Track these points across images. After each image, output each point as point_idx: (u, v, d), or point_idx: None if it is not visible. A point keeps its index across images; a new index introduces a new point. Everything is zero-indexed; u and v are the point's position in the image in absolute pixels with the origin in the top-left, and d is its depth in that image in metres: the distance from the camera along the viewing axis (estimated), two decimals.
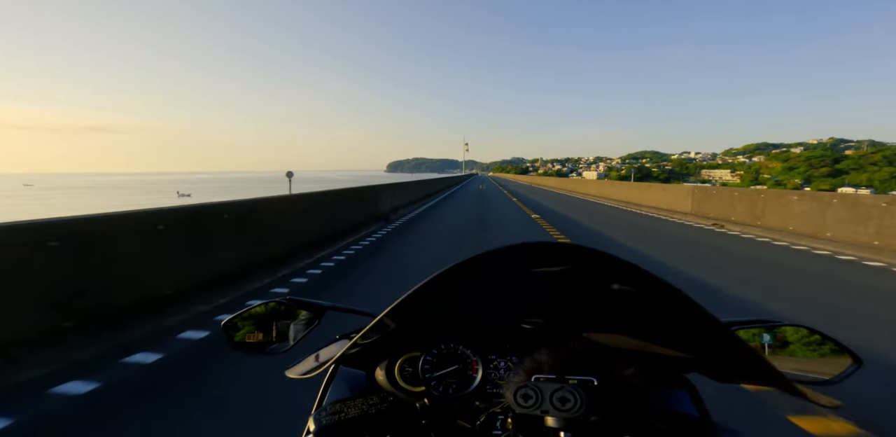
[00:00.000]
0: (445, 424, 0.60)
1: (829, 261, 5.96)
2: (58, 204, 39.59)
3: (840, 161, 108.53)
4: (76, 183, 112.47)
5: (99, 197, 52.06)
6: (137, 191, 66.00)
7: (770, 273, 5.19)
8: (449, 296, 0.61)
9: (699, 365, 0.61)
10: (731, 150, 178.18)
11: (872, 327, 3.33)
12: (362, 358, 0.70)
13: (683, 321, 0.52)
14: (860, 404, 2.11)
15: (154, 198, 44.44)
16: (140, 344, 2.87)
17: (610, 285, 0.52)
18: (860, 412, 2.03)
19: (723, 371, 0.60)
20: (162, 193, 56.54)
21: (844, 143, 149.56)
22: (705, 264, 5.74)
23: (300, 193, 7.30)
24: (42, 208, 31.71)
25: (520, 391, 0.46)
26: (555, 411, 0.45)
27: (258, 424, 1.95)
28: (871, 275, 5.15)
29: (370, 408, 0.56)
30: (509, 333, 0.71)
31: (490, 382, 0.67)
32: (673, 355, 0.60)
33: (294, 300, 0.75)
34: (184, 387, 2.31)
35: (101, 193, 61.99)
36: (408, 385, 0.67)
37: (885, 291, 4.47)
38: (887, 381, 2.37)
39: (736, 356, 0.52)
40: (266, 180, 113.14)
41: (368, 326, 0.55)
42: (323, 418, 0.54)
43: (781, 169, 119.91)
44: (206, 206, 4.62)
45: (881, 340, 3.03)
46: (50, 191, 69.10)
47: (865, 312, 3.71)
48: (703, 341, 0.54)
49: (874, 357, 2.66)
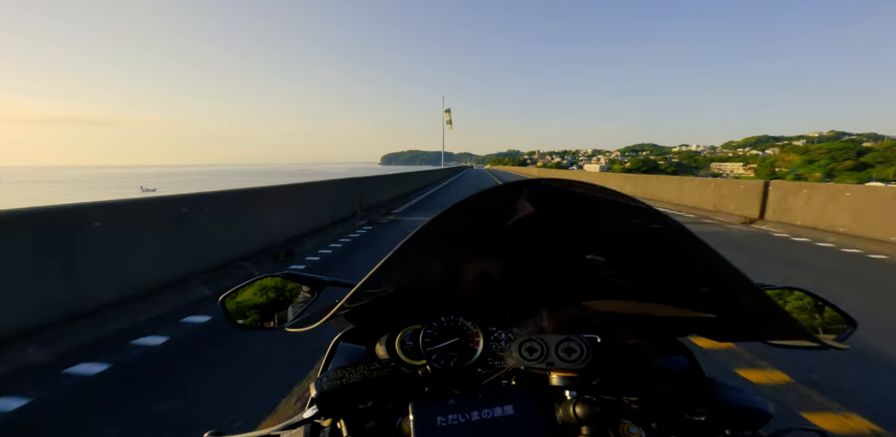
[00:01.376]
0: (448, 390, 0.59)
1: None
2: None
3: (864, 154, 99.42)
4: (51, 176, 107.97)
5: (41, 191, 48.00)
6: (106, 184, 61.84)
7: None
8: (436, 256, 0.56)
9: (698, 326, 0.62)
10: (731, 142, 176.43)
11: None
12: (362, 333, 0.72)
13: (707, 276, 0.49)
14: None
15: (113, 192, 40.02)
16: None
17: (606, 224, 0.48)
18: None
19: (726, 330, 0.60)
20: (132, 186, 52.20)
21: (846, 136, 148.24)
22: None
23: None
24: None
25: (525, 344, 0.47)
26: (561, 362, 0.45)
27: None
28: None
29: (372, 373, 0.54)
30: (509, 303, 0.68)
31: (491, 354, 0.66)
32: (673, 316, 0.60)
33: (292, 275, 0.75)
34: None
35: (65, 187, 57.77)
36: (409, 359, 0.67)
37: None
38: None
39: (753, 313, 0.51)
40: (245, 173, 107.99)
41: (356, 286, 0.52)
42: (324, 383, 0.52)
43: (801, 162, 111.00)
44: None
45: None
46: (14, 185, 65.04)
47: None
48: (714, 298, 0.52)
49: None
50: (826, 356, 2.32)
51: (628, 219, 0.44)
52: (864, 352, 2.60)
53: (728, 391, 0.50)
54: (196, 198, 4.36)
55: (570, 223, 0.49)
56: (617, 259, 0.53)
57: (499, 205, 0.46)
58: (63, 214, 2.97)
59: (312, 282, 0.75)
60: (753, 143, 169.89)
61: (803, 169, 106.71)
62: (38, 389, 2.21)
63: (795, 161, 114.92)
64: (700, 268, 0.47)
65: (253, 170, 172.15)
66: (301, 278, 0.75)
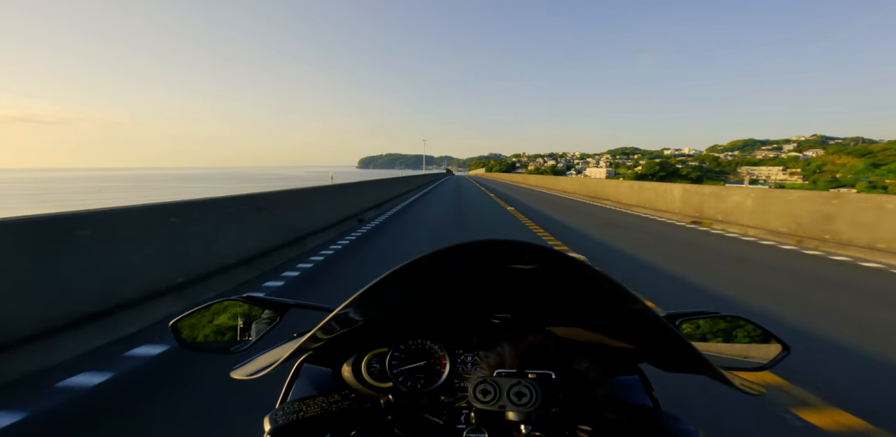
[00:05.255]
0: (411, 419, 0.59)
1: None
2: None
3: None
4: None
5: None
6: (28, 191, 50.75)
7: None
8: (412, 290, 0.58)
9: (648, 356, 0.64)
10: (716, 146, 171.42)
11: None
12: (328, 355, 0.69)
13: (629, 315, 0.52)
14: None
15: (36, 201, 30.54)
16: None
17: (566, 283, 0.52)
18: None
19: (665, 361, 0.62)
20: (68, 191, 43.16)
21: (831, 140, 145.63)
22: None
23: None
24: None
25: (479, 386, 0.48)
26: (512, 405, 0.46)
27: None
28: None
29: (331, 406, 0.55)
30: (476, 327, 0.70)
31: (458, 376, 0.67)
32: (625, 347, 0.62)
33: (252, 298, 0.72)
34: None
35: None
36: (375, 381, 0.66)
37: None
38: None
39: (672, 347, 0.54)
40: (198, 178, 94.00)
41: (328, 317, 0.53)
42: (279, 417, 0.52)
43: (864, 166, 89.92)
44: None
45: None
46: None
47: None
48: (646, 333, 0.55)
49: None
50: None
51: (566, 274, 0.49)
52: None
53: (668, 420, 0.52)
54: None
55: (524, 274, 0.51)
56: (564, 302, 0.58)
57: (460, 261, 0.49)
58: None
59: (275, 305, 0.72)
60: (741, 146, 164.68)
61: (868, 173, 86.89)
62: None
63: (857, 165, 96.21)
64: (626, 310, 0.50)
65: (201, 174, 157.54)
66: (262, 302, 0.72)
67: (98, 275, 3.02)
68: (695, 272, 4.77)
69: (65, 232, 2.81)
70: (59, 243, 2.76)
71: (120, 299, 3.11)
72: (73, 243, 2.85)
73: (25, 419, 1.89)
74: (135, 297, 3.25)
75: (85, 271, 2.93)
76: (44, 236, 2.68)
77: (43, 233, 2.68)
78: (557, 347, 0.53)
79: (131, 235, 3.33)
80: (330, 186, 8.44)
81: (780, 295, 3.95)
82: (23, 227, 2.59)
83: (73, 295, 2.83)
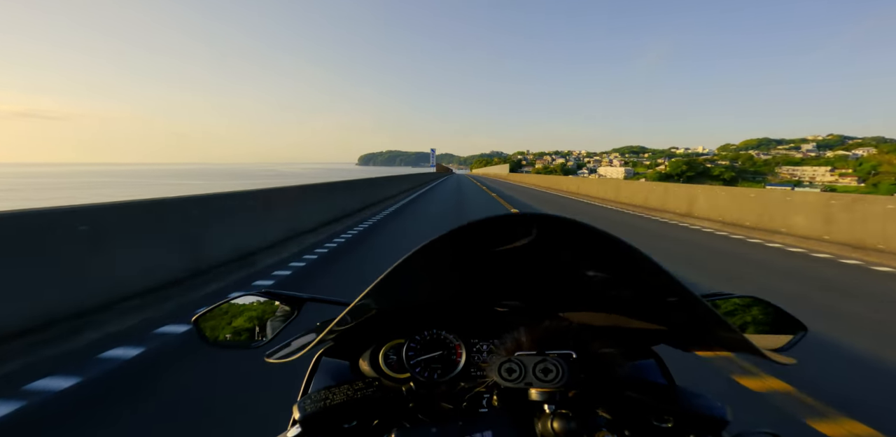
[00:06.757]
0: (432, 405, 0.59)
1: None
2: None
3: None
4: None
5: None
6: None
7: None
8: (426, 278, 0.60)
9: (667, 337, 0.64)
10: (728, 145, 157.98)
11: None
12: (345, 348, 0.71)
13: (657, 291, 0.51)
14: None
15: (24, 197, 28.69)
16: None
17: (581, 254, 0.51)
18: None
19: (689, 340, 0.62)
20: (58, 189, 38.45)
21: (849, 139, 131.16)
22: None
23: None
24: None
25: (504, 365, 0.48)
26: (538, 382, 0.46)
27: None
28: None
29: (356, 393, 0.55)
30: (489, 316, 0.71)
31: (474, 365, 0.68)
32: (643, 328, 0.62)
33: (270, 293, 0.74)
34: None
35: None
36: (392, 373, 0.67)
37: None
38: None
39: (705, 324, 0.53)
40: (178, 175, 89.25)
41: (345, 311, 0.55)
42: (307, 405, 0.53)
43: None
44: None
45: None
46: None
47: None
48: (675, 310, 0.55)
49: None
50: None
51: (603, 246, 0.47)
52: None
53: (691, 397, 0.52)
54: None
55: (557, 252, 0.52)
56: (590, 277, 0.56)
57: (495, 234, 0.49)
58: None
59: (291, 300, 0.75)
60: (756, 145, 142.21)
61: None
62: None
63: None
64: (654, 283, 0.50)
65: (198, 170, 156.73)
66: (279, 296, 0.74)
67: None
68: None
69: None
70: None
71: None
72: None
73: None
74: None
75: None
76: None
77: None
78: (574, 330, 0.53)
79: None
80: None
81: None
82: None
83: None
